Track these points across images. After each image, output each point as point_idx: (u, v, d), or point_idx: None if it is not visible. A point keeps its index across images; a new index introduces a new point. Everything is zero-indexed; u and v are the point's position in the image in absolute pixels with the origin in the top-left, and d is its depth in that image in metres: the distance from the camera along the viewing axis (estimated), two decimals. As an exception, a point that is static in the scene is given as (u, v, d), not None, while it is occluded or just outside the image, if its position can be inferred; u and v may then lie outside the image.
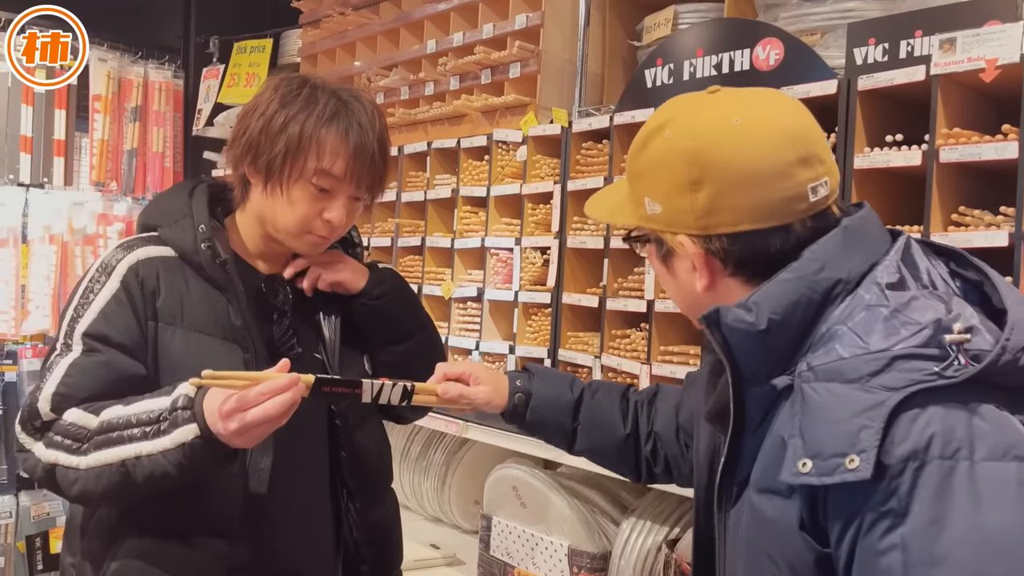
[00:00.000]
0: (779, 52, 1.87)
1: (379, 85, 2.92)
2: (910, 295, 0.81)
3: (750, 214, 0.88)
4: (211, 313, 1.24)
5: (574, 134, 2.23)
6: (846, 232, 0.88)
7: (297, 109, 1.22)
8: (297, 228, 1.26)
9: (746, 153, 0.88)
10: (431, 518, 2.86)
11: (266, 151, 1.22)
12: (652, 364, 1.98)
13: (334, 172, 1.23)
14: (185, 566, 1.20)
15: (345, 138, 1.22)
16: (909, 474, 0.72)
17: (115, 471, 1.10)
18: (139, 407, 1.13)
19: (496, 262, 2.45)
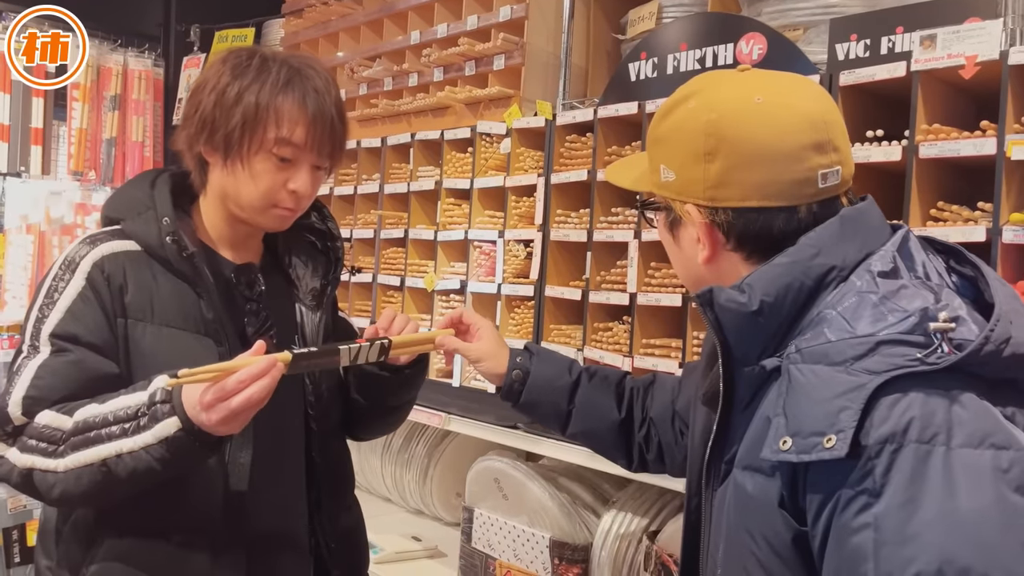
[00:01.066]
0: (762, 47, 1.88)
1: (362, 76, 2.91)
2: (900, 284, 0.82)
3: (758, 191, 0.89)
4: (181, 307, 1.21)
5: (558, 127, 2.23)
6: (843, 221, 0.89)
7: (250, 79, 1.20)
8: (262, 202, 1.23)
9: (762, 131, 0.90)
10: (413, 510, 2.86)
11: (222, 125, 1.19)
12: (634, 357, 1.98)
13: (295, 140, 1.20)
14: (167, 565, 1.19)
15: (303, 105, 1.20)
16: (886, 456, 0.73)
17: (96, 471, 1.09)
18: (115, 404, 1.11)
19: (479, 255, 2.45)
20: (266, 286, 1.32)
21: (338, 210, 2.97)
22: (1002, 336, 0.75)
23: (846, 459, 0.74)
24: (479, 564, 2.24)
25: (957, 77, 1.54)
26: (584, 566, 2.02)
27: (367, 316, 2.81)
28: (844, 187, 0.93)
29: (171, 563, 1.18)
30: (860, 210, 0.91)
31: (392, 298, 2.76)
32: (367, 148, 2.88)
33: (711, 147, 0.91)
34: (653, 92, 2.05)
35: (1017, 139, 1.43)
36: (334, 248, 1.41)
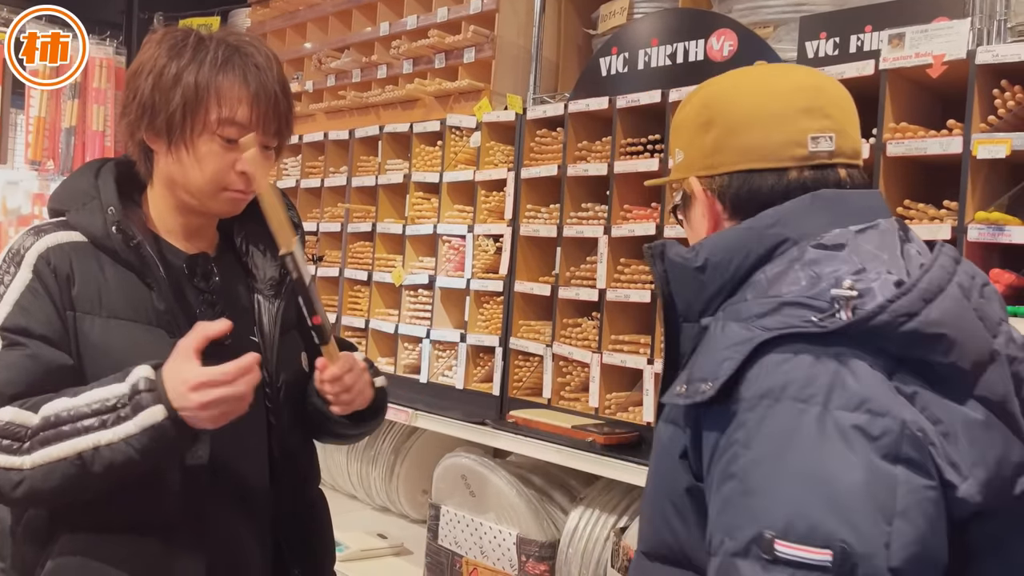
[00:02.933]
0: (733, 43, 1.88)
1: (330, 67, 2.87)
2: (830, 254, 0.80)
3: (748, 154, 0.89)
4: (131, 299, 1.17)
5: (528, 121, 2.21)
6: (815, 197, 0.87)
7: (188, 59, 1.16)
8: (211, 186, 1.19)
9: (753, 97, 0.91)
10: (378, 508, 2.83)
11: (162, 109, 1.15)
12: (603, 353, 1.98)
13: (239, 120, 1.16)
14: (125, 561, 1.15)
15: (244, 82, 1.16)
16: (761, 409, 0.73)
17: (69, 465, 1.05)
18: (90, 397, 1.08)
19: (448, 249, 2.43)
20: (222, 276, 1.28)
21: (304, 203, 2.92)
22: (903, 310, 0.73)
23: (728, 409, 0.76)
24: (445, 562, 2.22)
25: (925, 76, 1.55)
26: (551, 563, 2.01)
27: (332, 311, 2.77)
28: (841, 158, 0.90)
29: (129, 558, 1.15)
30: (841, 192, 0.89)
31: (359, 292, 2.72)
32: (334, 140, 2.83)
33: (708, 117, 0.92)
34: (624, 87, 2.04)
35: (983, 138, 1.44)
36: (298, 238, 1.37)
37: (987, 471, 0.73)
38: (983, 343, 0.76)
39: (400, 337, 2.53)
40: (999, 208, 1.47)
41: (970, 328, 0.76)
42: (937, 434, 0.71)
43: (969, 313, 0.76)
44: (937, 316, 0.73)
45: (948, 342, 0.73)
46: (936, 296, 0.74)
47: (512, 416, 2.07)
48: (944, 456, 0.71)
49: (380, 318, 2.61)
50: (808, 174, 0.88)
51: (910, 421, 0.70)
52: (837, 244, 0.81)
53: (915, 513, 0.69)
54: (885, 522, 0.68)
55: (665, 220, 1.89)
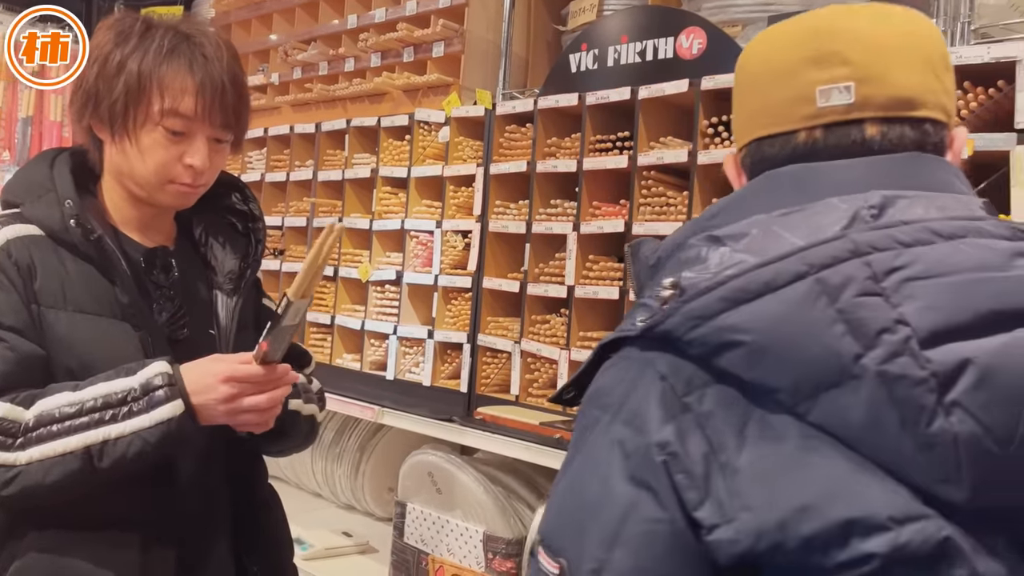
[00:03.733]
0: (702, 42, 1.89)
1: (296, 59, 2.83)
2: (708, 248, 0.68)
3: (757, 119, 0.78)
4: (94, 292, 1.15)
5: (498, 117, 2.20)
6: (768, 179, 0.74)
7: (132, 46, 1.14)
8: (156, 178, 1.16)
9: (764, 52, 0.79)
10: (343, 506, 2.80)
11: (105, 97, 1.13)
12: (571, 350, 1.97)
13: (183, 111, 1.14)
14: (96, 557, 1.14)
15: (190, 72, 1.14)
16: (579, 415, 0.71)
17: (74, 459, 1.05)
18: (96, 391, 1.07)
19: (416, 245, 2.41)
20: (180, 270, 1.26)
21: (270, 196, 2.88)
22: (695, 312, 0.63)
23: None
24: (411, 559, 2.21)
25: (890, 77, 1.57)
26: (518, 560, 2.01)
27: (299, 307, 2.73)
28: (868, 110, 0.72)
29: (100, 556, 1.14)
30: (812, 168, 0.72)
31: (325, 288, 2.69)
32: (300, 134, 2.80)
33: (736, 83, 0.83)
34: (593, 84, 2.04)
35: (946, 138, 1.47)
36: (255, 229, 1.35)
37: (771, 515, 0.58)
38: (827, 358, 0.59)
39: (366, 333, 2.50)
40: (961, 208, 1.50)
41: (803, 338, 0.60)
42: (704, 463, 0.61)
43: (814, 318, 0.60)
44: (737, 321, 0.61)
45: (752, 352, 0.61)
46: (755, 296, 0.61)
47: (480, 413, 2.06)
48: (701, 490, 0.60)
49: (346, 314, 2.58)
50: (819, 135, 0.73)
51: (659, 444, 0.62)
52: (733, 235, 0.67)
53: (639, 545, 0.62)
54: (604, 547, 0.63)
55: (634, 217, 1.89)
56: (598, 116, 2.01)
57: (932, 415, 0.57)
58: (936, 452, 0.56)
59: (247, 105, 1.23)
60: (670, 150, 1.86)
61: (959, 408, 0.56)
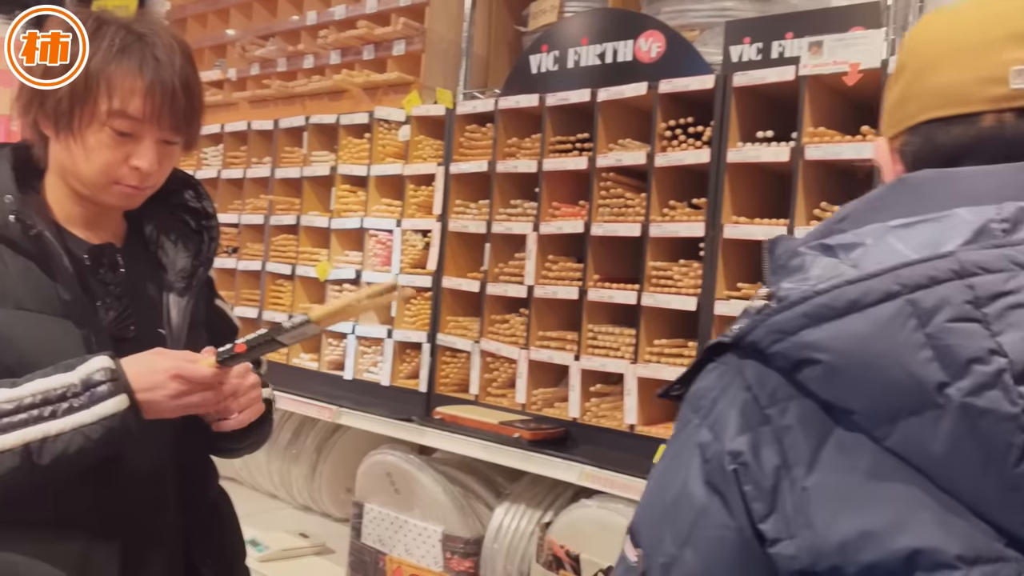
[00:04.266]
0: (660, 45, 1.92)
1: (254, 55, 2.79)
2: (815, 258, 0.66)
3: (935, 99, 0.70)
4: (35, 289, 1.12)
5: (458, 116, 2.20)
6: (898, 185, 0.68)
7: (79, 46, 1.13)
8: (101, 179, 1.15)
9: (947, 28, 0.72)
10: (300, 507, 2.78)
11: (51, 94, 1.12)
12: (530, 349, 1.98)
13: (130, 112, 1.12)
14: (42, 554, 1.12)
15: (139, 74, 1.12)
16: (680, 412, 0.70)
17: (13, 457, 1.02)
18: (34, 387, 1.05)
19: (375, 244, 2.40)
20: (129, 269, 1.23)
21: (226, 194, 2.84)
22: (778, 326, 0.61)
23: None
24: (369, 560, 2.20)
25: (841, 83, 1.61)
26: (476, 559, 2.01)
27: (255, 305, 2.70)
28: None
29: (45, 554, 1.12)
30: (947, 173, 0.67)
31: (282, 287, 2.66)
32: (258, 130, 2.76)
33: (899, 64, 0.75)
34: (554, 85, 2.06)
35: (895, 144, 1.51)
36: (208, 227, 1.33)
37: (832, 536, 0.57)
38: (908, 383, 0.56)
39: (324, 332, 2.48)
40: (909, 212, 1.54)
41: (885, 361, 0.57)
42: (775, 476, 0.60)
43: (899, 341, 0.57)
44: (817, 338, 0.59)
45: (828, 372, 0.59)
46: (839, 314, 0.59)
47: (439, 413, 2.06)
48: (768, 503, 0.60)
49: (304, 313, 2.55)
50: (1009, 118, 0.67)
51: (731, 453, 0.62)
52: (845, 244, 0.64)
53: (707, 548, 0.62)
54: (677, 545, 0.64)
55: (593, 218, 1.91)
56: (558, 117, 2.03)
57: (1021, 454, 0.53)
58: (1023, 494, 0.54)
59: (200, 108, 1.21)
60: (629, 152, 1.88)
61: None
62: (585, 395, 1.90)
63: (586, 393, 1.90)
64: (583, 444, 1.87)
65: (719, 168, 1.72)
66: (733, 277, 1.73)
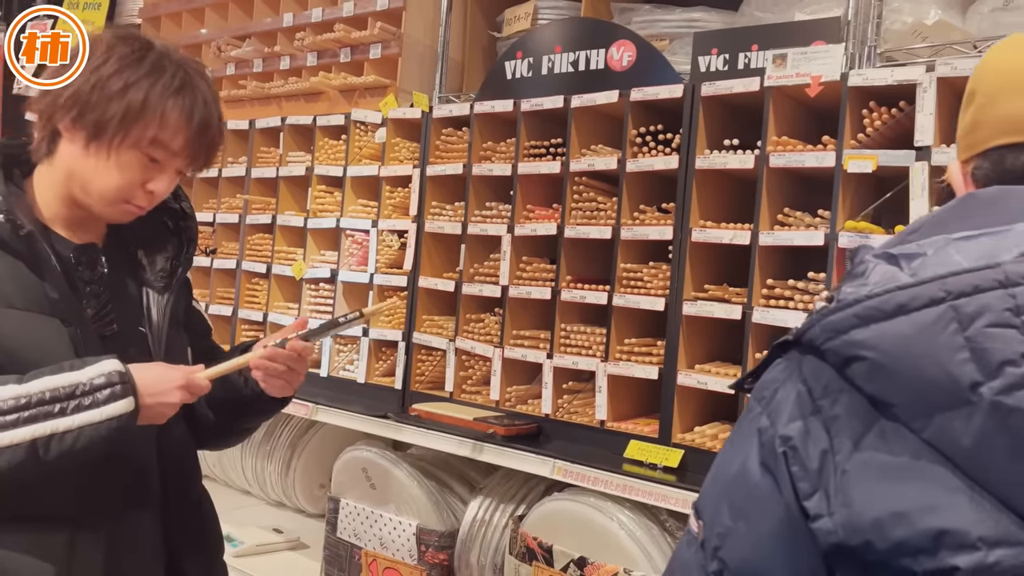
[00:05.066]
0: (632, 54, 1.98)
1: (230, 55, 2.81)
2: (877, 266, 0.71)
3: (1008, 125, 0.76)
4: (23, 287, 1.15)
5: (434, 119, 2.25)
6: (967, 200, 0.73)
7: (141, 75, 1.16)
8: (116, 195, 1.20)
9: (1016, 59, 0.77)
10: (274, 503, 2.80)
11: (98, 111, 1.15)
12: (504, 348, 2.04)
13: (172, 146, 1.19)
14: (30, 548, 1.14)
15: (190, 114, 1.19)
16: (749, 401, 0.77)
17: (19, 451, 1.05)
18: (44, 384, 1.08)
19: (351, 244, 2.43)
20: (109, 268, 1.26)
21: (201, 193, 2.85)
22: (832, 325, 0.67)
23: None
24: (344, 554, 2.23)
25: (803, 94, 1.69)
26: (450, 552, 2.06)
27: (229, 304, 2.72)
28: None
29: (33, 549, 1.14)
30: (1008, 190, 0.72)
31: (257, 286, 2.68)
32: (233, 130, 2.78)
33: (970, 89, 0.80)
34: (528, 91, 2.11)
35: (853, 154, 1.59)
36: (187, 228, 1.36)
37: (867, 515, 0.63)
38: (945, 381, 0.62)
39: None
40: (865, 218, 1.62)
41: (925, 360, 0.62)
42: (820, 460, 0.66)
43: (939, 343, 0.62)
44: (865, 337, 0.65)
45: (873, 369, 0.64)
46: (887, 317, 0.64)
47: (414, 409, 2.11)
48: (813, 483, 0.66)
49: (279, 312, 2.58)
50: None
51: (782, 437, 0.68)
52: (908, 254, 0.69)
53: (759, 521, 0.69)
54: (732, 517, 0.71)
55: (566, 221, 1.97)
56: (532, 122, 2.09)
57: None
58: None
59: (221, 146, 1.30)
60: (600, 157, 1.94)
61: None
62: (558, 392, 1.96)
63: (559, 390, 1.97)
64: (556, 439, 1.93)
65: (687, 174, 1.79)
66: (700, 279, 1.80)
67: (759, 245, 1.68)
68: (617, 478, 1.68)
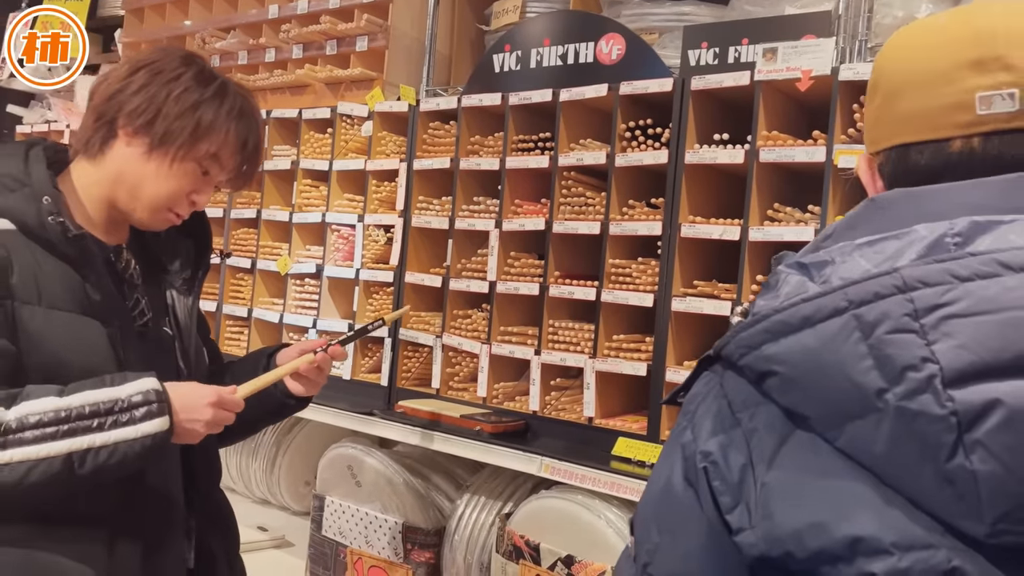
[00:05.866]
0: (621, 47, 1.96)
1: (214, 48, 2.77)
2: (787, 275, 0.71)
3: (906, 124, 0.75)
4: (67, 288, 1.18)
5: (421, 113, 2.22)
6: (870, 204, 0.73)
7: (211, 95, 1.25)
8: (165, 202, 1.25)
9: (914, 52, 0.75)
10: (258, 500, 2.78)
11: (170, 120, 1.22)
12: (492, 344, 2.02)
13: (227, 164, 1.28)
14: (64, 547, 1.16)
15: (246, 139, 1.29)
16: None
17: (55, 463, 1.07)
18: (83, 398, 1.10)
19: (337, 238, 2.41)
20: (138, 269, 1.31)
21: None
22: (744, 341, 0.68)
23: None
24: (329, 552, 2.21)
25: (794, 89, 1.68)
26: (437, 550, 2.04)
27: (213, 299, 2.69)
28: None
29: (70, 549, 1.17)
30: (914, 192, 0.72)
31: (242, 280, 2.65)
32: (218, 123, 2.74)
33: (873, 81, 0.79)
34: (516, 84, 2.09)
35: (843, 149, 1.58)
36: (203, 231, 1.42)
37: (786, 526, 0.63)
38: (852, 391, 0.62)
39: (285, 327, 2.49)
40: (856, 213, 1.61)
41: (832, 371, 0.63)
42: (740, 473, 0.66)
43: (844, 353, 0.63)
44: (776, 352, 0.66)
45: (785, 383, 0.66)
46: (794, 330, 0.65)
47: (401, 406, 2.08)
48: (734, 496, 0.66)
49: (264, 307, 2.55)
50: (977, 144, 0.71)
51: (703, 452, 0.69)
52: (817, 262, 0.69)
53: (687, 537, 0.69)
54: (658, 533, 0.72)
55: (554, 216, 1.95)
56: (520, 116, 2.06)
57: (952, 452, 0.58)
58: (955, 487, 0.59)
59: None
60: (589, 152, 1.92)
61: (981, 447, 0.58)
62: (545, 389, 1.95)
63: (546, 387, 1.95)
64: (543, 436, 1.92)
65: (677, 169, 1.77)
66: (689, 275, 1.79)
67: (749, 241, 1.66)
68: (605, 475, 1.66)
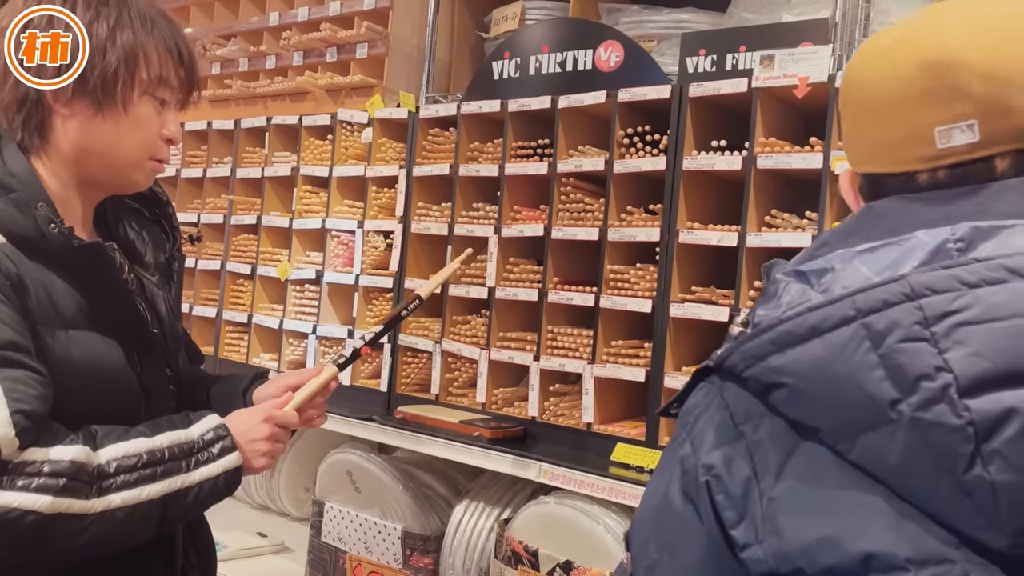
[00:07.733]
0: (619, 55, 1.97)
1: (215, 55, 2.79)
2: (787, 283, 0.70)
3: (873, 153, 0.73)
4: (77, 304, 1.07)
5: (421, 120, 2.23)
6: (864, 213, 0.72)
7: (116, 16, 1.10)
8: (141, 153, 1.13)
9: (867, 79, 0.73)
10: (258, 506, 2.77)
11: (98, 66, 1.08)
12: (491, 350, 2.02)
13: (171, 81, 1.14)
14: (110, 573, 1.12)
15: (173, 44, 1.14)
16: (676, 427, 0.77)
17: (154, 506, 1.04)
18: (166, 439, 1.08)
19: (337, 244, 2.41)
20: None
21: (186, 193, 2.83)
22: (749, 352, 0.66)
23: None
24: (329, 558, 2.21)
25: (791, 96, 1.68)
26: (436, 556, 2.04)
27: (213, 305, 2.69)
28: (996, 146, 0.67)
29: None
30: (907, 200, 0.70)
31: (242, 286, 2.66)
32: (219, 130, 2.76)
33: (841, 99, 0.78)
34: (515, 92, 2.10)
35: (841, 155, 1.58)
36: (166, 215, 1.29)
37: (797, 542, 0.61)
38: (864, 402, 0.60)
39: (285, 332, 2.49)
40: (853, 220, 1.62)
41: (843, 382, 0.61)
42: (745, 487, 0.64)
43: (855, 363, 0.61)
44: (783, 363, 0.64)
45: (793, 395, 0.63)
46: (801, 340, 0.63)
47: (400, 412, 2.09)
48: (739, 511, 0.64)
49: (264, 313, 2.56)
50: (942, 175, 0.69)
51: (705, 466, 0.67)
52: (816, 270, 0.68)
53: (686, 553, 0.67)
54: (656, 550, 0.69)
55: (553, 222, 1.95)
56: (519, 123, 2.07)
57: (969, 463, 0.56)
58: (974, 499, 0.57)
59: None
60: (588, 158, 1.93)
61: (999, 457, 0.56)
62: (544, 394, 1.95)
63: (545, 392, 1.95)
64: (542, 442, 1.92)
65: (675, 175, 1.78)
66: (687, 280, 1.79)
67: (746, 247, 1.67)
68: (604, 481, 1.67)
